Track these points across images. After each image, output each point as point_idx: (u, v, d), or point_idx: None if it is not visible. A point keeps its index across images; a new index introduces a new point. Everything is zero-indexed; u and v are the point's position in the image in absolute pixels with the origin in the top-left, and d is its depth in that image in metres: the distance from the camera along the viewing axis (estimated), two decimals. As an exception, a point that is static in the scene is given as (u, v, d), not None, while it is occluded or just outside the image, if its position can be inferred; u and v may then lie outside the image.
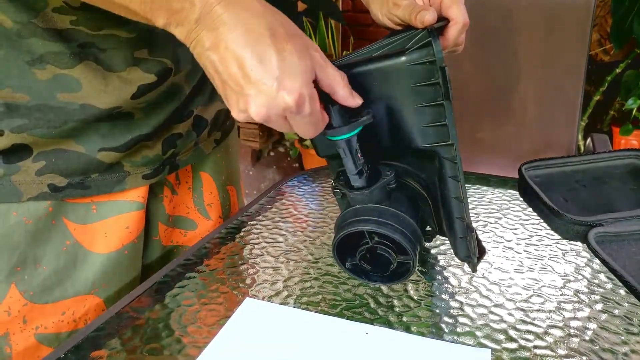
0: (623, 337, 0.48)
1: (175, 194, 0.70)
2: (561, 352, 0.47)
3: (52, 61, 0.50)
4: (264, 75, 0.39)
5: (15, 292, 0.55)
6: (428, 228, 0.59)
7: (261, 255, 0.63)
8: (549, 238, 0.66)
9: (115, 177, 0.59)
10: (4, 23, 0.47)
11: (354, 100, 0.45)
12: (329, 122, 0.47)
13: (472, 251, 0.52)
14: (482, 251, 0.55)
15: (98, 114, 0.54)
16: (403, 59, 0.46)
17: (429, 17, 0.48)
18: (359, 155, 0.50)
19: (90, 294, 0.60)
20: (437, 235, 0.60)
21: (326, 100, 0.46)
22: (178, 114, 0.63)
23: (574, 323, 0.50)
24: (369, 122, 0.48)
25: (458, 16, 0.53)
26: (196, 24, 0.40)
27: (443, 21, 0.54)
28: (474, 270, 0.57)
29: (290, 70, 0.40)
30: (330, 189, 0.81)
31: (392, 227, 0.50)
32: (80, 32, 0.50)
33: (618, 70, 2.16)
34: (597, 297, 0.54)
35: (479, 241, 0.55)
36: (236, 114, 0.42)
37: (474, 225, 0.69)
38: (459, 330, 0.50)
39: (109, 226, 0.60)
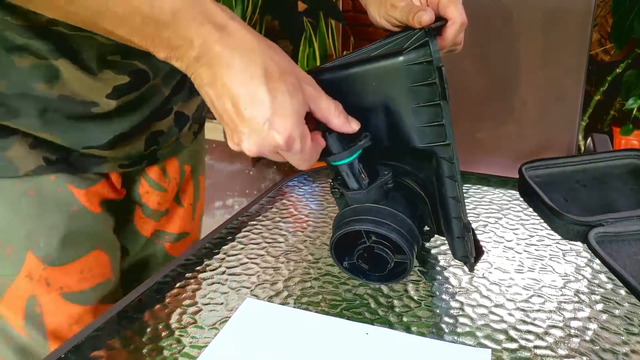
0: (623, 338, 0.48)
1: (164, 191, 0.72)
2: (561, 352, 0.47)
3: (31, 52, 0.50)
4: (256, 115, 0.41)
5: (32, 258, 0.56)
6: (426, 228, 0.59)
7: (261, 255, 0.63)
8: (549, 238, 0.66)
9: (94, 160, 0.60)
10: None
11: (350, 127, 0.47)
12: (328, 149, 0.48)
13: (469, 251, 0.52)
14: (480, 252, 0.55)
15: (75, 109, 0.55)
16: (400, 59, 0.46)
17: (426, 17, 0.48)
18: (363, 175, 0.51)
19: (97, 250, 0.62)
20: (437, 236, 0.60)
21: (323, 128, 0.47)
22: (157, 113, 0.64)
23: (574, 323, 0.50)
24: (368, 145, 0.49)
25: (456, 16, 0.53)
26: (195, 60, 0.42)
27: (441, 21, 0.54)
28: (471, 270, 0.57)
29: (282, 110, 0.42)
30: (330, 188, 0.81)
31: (389, 227, 0.50)
32: (56, 32, 0.50)
33: (618, 70, 2.16)
34: (598, 297, 0.54)
35: (477, 242, 0.55)
36: (231, 145, 0.44)
37: (474, 225, 0.69)
38: (459, 330, 0.50)
39: (99, 189, 0.62)
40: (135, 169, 0.65)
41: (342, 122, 0.46)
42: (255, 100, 0.41)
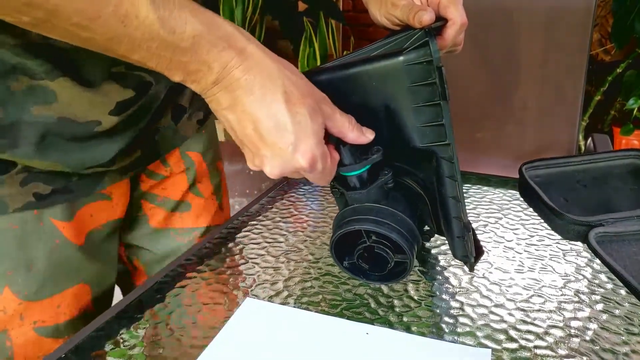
0: (624, 337, 0.48)
1: (163, 177, 0.70)
2: (562, 352, 0.47)
3: (26, 73, 0.48)
4: (279, 140, 0.42)
5: (9, 293, 0.55)
6: (426, 228, 0.59)
7: (262, 255, 0.63)
8: (549, 238, 0.66)
9: (94, 179, 0.59)
10: None
11: (366, 138, 0.48)
12: (340, 160, 0.49)
13: (469, 251, 0.52)
14: (480, 251, 0.55)
15: (77, 130, 0.53)
16: (400, 58, 0.46)
17: (426, 17, 0.48)
18: (369, 183, 0.52)
19: (79, 284, 0.61)
20: (438, 236, 0.60)
21: (336, 141, 0.48)
22: (155, 117, 0.63)
23: (574, 323, 0.50)
24: (379, 160, 0.50)
25: (456, 16, 0.53)
26: (213, 84, 0.42)
27: (441, 21, 0.54)
28: (472, 269, 0.57)
29: (304, 134, 0.42)
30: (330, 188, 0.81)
31: (389, 226, 0.50)
32: (54, 47, 0.48)
33: (619, 70, 2.16)
34: (598, 297, 0.54)
35: (477, 241, 0.55)
36: (251, 167, 0.45)
37: (474, 225, 0.69)
38: (459, 330, 0.50)
39: (87, 216, 0.60)
40: (135, 172, 0.64)
41: (357, 135, 0.47)
42: (278, 125, 0.42)
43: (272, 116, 0.42)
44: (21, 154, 0.51)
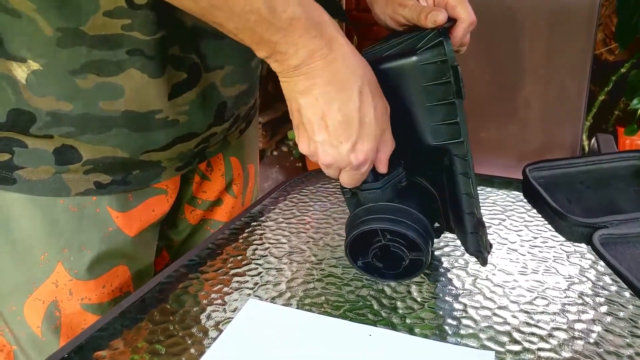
0: (628, 340, 0.48)
1: (208, 180, 0.73)
2: (565, 354, 0.46)
3: (94, 70, 0.50)
4: (342, 135, 0.44)
5: (61, 269, 0.58)
6: (436, 225, 0.59)
7: (264, 256, 0.63)
8: (553, 240, 0.66)
9: (153, 172, 0.61)
10: (44, 30, 0.47)
11: (381, 167, 0.50)
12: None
13: (483, 245, 0.52)
14: (489, 245, 0.55)
15: (141, 120, 0.55)
16: (414, 58, 0.47)
17: (441, 17, 0.49)
18: (383, 182, 0.52)
19: (120, 265, 0.64)
20: (441, 237, 0.60)
21: None
22: (221, 117, 0.64)
23: (578, 325, 0.50)
24: (401, 181, 0.52)
25: (464, 15, 0.54)
26: (295, 68, 0.43)
27: (451, 21, 0.54)
28: (484, 264, 0.57)
29: (366, 136, 0.45)
30: (333, 189, 0.81)
31: (405, 225, 0.51)
32: (130, 38, 0.50)
33: (623, 70, 2.15)
34: (602, 300, 0.54)
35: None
36: (302, 150, 0.47)
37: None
38: (462, 332, 0.50)
39: (141, 211, 0.63)
40: (189, 169, 0.67)
41: (382, 160, 0.49)
42: (346, 121, 0.44)
43: (343, 111, 0.43)
44: (86, 140, 0.54)
